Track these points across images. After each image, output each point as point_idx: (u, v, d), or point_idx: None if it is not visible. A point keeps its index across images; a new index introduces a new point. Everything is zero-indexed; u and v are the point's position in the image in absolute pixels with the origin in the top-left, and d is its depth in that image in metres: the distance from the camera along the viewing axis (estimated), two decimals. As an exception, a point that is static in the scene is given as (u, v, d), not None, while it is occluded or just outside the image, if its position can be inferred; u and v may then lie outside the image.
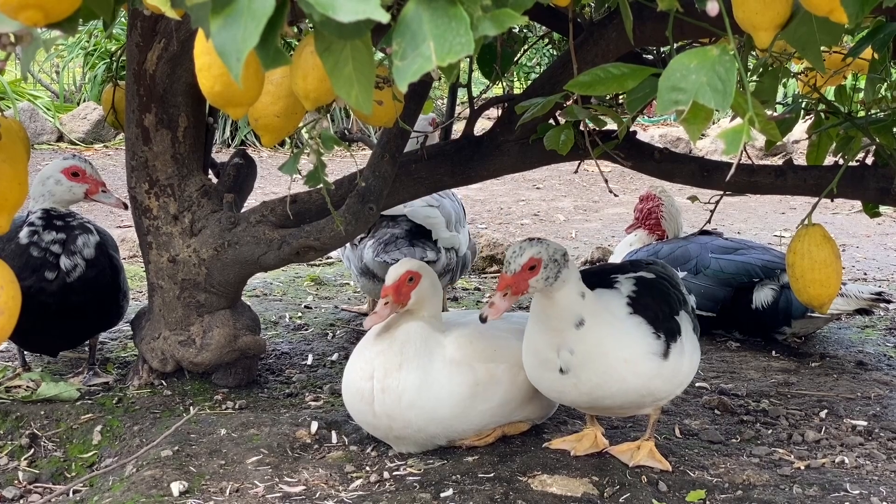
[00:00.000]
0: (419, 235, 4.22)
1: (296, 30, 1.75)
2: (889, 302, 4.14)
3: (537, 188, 9.98)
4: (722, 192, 3.57)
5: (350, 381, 2.87)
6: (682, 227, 4.91)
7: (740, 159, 3.22)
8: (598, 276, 2.82)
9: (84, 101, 12.32)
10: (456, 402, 2.81)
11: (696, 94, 1.51)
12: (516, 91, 9.92)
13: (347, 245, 4.33)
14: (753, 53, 2.67)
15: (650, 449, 2.86)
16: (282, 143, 11.04)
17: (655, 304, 2.72)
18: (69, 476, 3.03)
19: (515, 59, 4.00)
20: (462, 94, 5.60)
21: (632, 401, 2.71)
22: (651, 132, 12.07)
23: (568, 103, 2.89)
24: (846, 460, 3.01)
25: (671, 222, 4.86)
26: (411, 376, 2.77)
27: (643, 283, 2.79)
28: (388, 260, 4.00)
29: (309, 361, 3.90)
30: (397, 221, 4.22)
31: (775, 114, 3.34)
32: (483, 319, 2.55)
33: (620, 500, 2.66)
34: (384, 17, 1.20)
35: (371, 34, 1.40)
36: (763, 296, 4.21)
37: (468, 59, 3.56)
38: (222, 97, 1.68)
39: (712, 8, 1.53)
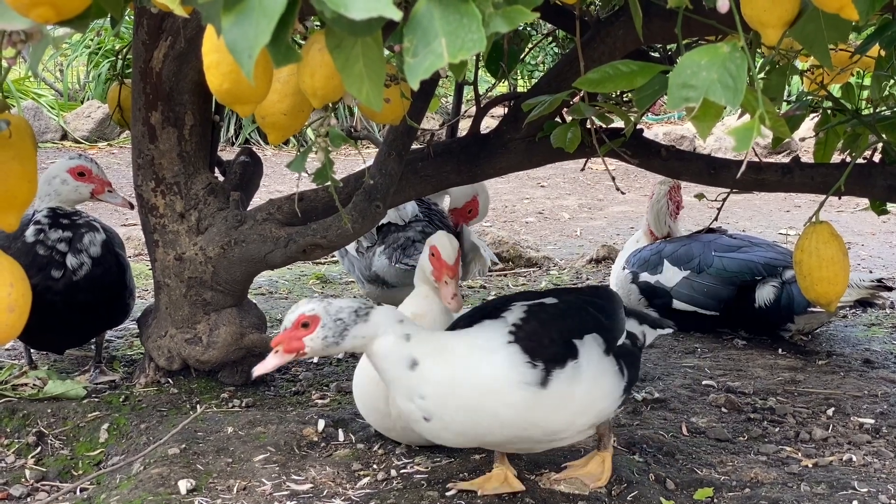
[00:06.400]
0: None
1: (303, 28, 1.76)
2: (890, 289, 4.12)
3: (542, 186, 9.98)
4: (729, 190, 3.57)
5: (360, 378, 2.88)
6: (670, 227, 4.81)
7: (747, 156, 3.22)
8: (494, 307, 2.62)
9: (88, 99, 12.34)
10: None
11: (706, 90, 1.51)
12: (520, 89, 9.93)
13: (351, 251, 4.32)
14: (759, 51, 2.67)
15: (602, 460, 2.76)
16: (286, 142, 11.05)
17: (542, 330, 2.49)
18: (76, 474, 3.03)
19: (521, 56, 4.01)
20: (468, 91, 5.60)
21: (518, 435, 2.50)
22: (655, 130, 12.07)
23: (574, 101, 2.90)
24: (854, 458, 3.00)
25: (652, 217, 4.80)
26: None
27: (537, 308, 2.57)
28: (414, 265, 3.97)
29: (315, 359, 3.89)
30: (408, 226, 4.20)
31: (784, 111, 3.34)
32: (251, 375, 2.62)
33: (628, 498, 2.66)
34: (397, 15, 1.20)
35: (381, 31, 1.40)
36: (765, 293, 4.20)
37: (474, 57, 3.55)
38: (231, 95, 1.68)
39: (723, 5, 1.53)
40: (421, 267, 2.95)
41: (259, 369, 2.37)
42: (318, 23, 1.83)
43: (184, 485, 2.68)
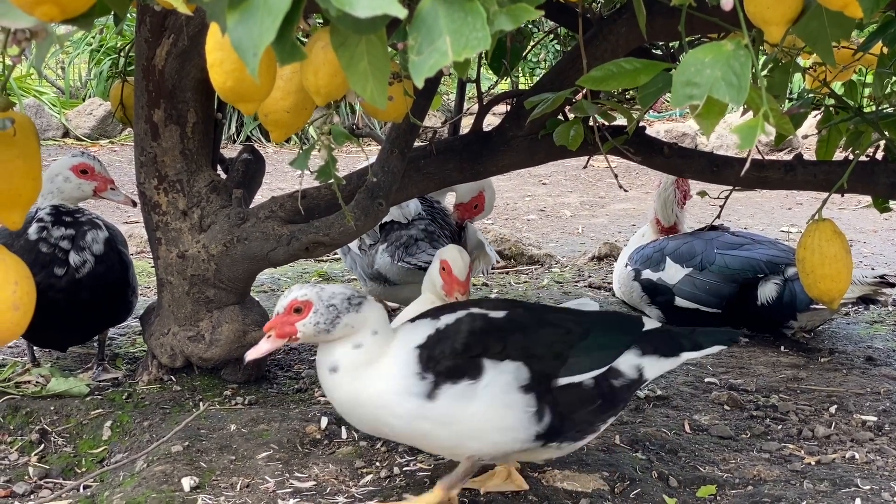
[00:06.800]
0: (437, 236, 4.20)
1: (306, 25, 1.76)
2: (893, 285, 4.12)
3: (543, 184, 9.98)
4: (731, 188, 3.57)
5: None
6: (677, 217, 4.85)
7: (750, 154, 3.22)
8: (458, 305, 2.55)
9: (90, 97, 12.35)
10: None
11: (710, 88, 1.52)
12: (522, 87, 9.94)
13: (353, 248, 4.33)
14: (762, 48, 2.67)
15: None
16: (288, 140, 11.06)
17: (450, 341, 2.36)
18: (79, 471, 3.04)
19: (524, 54, 4.01)
20: (470, 89, 5.62)
21: (421, 443, 2.48)
22: (656, 127, 12.07)
23: (577, 98, 2.90)
24: (856, 456, 3.00)
25: (659, 206, 4.85)
26: None
27: (471, 318, 2.42)
28: (419, 263, 3.98)
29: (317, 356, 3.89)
30: (411, 224, 4.20)
31: (787, 108, 3.34)
32: (244, 360, 2.56)
33: (631, 496, 2.66)
34: (401, 13, 1.20)
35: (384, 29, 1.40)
36: (767, 291, 4.20)
37: (477, 55, 3.55)
38: (234, 92, 1.69)
39: (726, 3, 1.53)
40: (431, 279, 2.96)
41: (251, 354, 2.38)
42: (320, 20, 1.82)
43: (187, 482, 2.68)
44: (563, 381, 2.39)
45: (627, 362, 2.49)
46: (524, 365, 2.37)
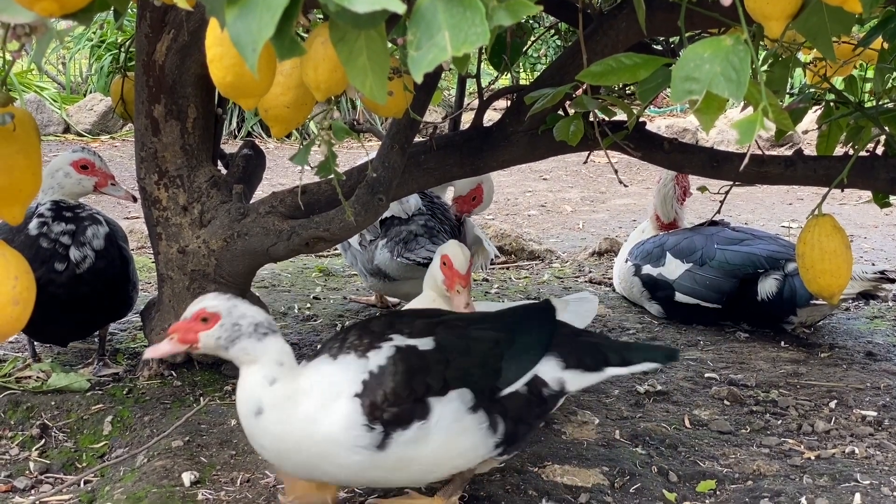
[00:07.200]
0: (437, 232, 4.20)
1: (306, 20, 1.76)
2: (893, 281, 4.12)
3: (544, 179, 9.99)
4: (731, 183, 3.57)
5: None
6: (677, 213, 4.88)
7: (750, 149, 3.22)
8: (376, 331, 2.39)
9: (90, 92, 12.36)
10: None
11: (709, 83, 1.52)
12: (522, 82, 9.94)
13: (354, 244, 4.33)
14: (762, 44, 2.67)
15: None
16: (288, 135, 11.06)
17: (393, 385, 2.25)
18: (80, 466, 3.04)
19: (524, 49, 4.01)
20: (470, 84, 5.63)
21: (367, 485, 2.46)
22: (657, 123, 12.07)
23: (577, 94, 2.90)
24: (856, 451, 3.01)
25: (659, 202, 4.87)
26: None
27: (402, 356, 2.30)
28: (418, 259, 3.99)
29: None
30: (411, 219, 4.20)
31: (787, 103, 3.33)
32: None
33: (631, 491, 2.67)
34: (400, 8, 1.20)
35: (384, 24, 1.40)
36: (767, 286, 4.20)
37: (477, 50, 3.55)
38: (234, 88, 1.69)
39: (726, -2, 1.53)
40: (432, 275, 2.96)
41: (150, 353, 2.30)
42: (320, 16, 1.83)
43: (187, 477, 2.69)
44: (505, 391, 2.38)
45: (550, 374, 2.47)
46: (466, 388, 2.33)
